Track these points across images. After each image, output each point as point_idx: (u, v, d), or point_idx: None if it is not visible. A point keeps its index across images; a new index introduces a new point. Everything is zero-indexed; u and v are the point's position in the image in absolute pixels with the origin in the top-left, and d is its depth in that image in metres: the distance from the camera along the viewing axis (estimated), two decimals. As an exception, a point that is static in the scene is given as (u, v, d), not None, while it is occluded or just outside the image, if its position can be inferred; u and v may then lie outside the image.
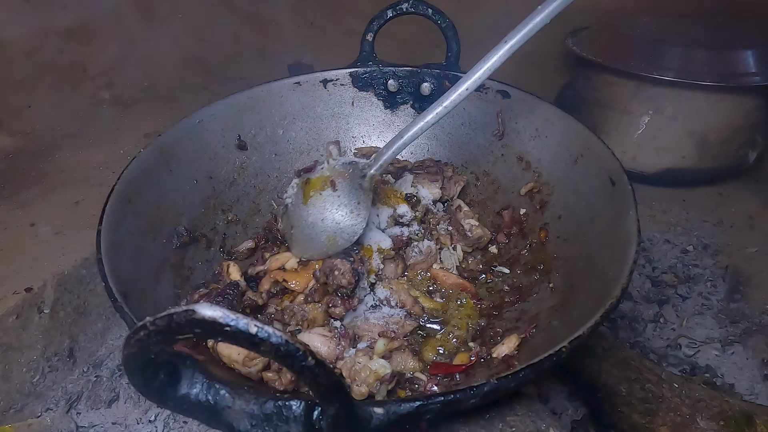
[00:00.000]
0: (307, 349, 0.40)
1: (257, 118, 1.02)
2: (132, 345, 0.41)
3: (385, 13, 1.03)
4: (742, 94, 1.27)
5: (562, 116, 0.90)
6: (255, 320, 0.38)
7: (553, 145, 0.91)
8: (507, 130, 0.99)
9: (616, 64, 1.32)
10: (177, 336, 0.40)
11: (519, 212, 0.95)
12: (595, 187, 0.80)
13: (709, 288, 1.17)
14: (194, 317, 0.38)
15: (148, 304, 0.67)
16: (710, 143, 1.32)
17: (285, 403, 0.47)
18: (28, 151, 1.46)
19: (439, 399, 0.49)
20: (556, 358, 0.52)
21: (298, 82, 1.05)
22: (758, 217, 1.32)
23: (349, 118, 1.10)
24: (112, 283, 0.60)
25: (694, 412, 0.80)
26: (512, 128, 0.99)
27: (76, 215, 1.20)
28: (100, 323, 1.05)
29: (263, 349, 0.39)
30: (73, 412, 0.92)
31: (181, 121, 0.91)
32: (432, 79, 1.05)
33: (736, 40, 1.33)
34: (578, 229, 0.81)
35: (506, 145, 1.00)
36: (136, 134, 1.53)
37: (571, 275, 0.79)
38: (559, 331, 0.69)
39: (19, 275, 1.00)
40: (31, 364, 0.94)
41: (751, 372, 1.00)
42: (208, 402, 0.48)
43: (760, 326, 1.07)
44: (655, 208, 1.37)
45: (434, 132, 1.09)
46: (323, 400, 0.44)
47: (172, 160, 0.87)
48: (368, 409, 0.47)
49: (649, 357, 1.02)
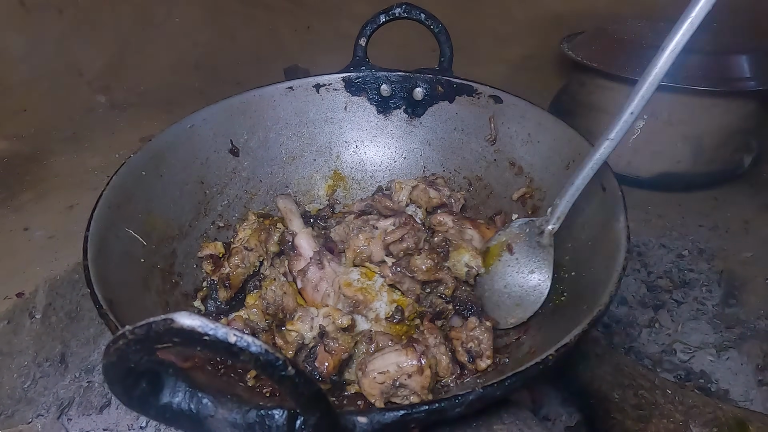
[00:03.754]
0: (286, 359, 0.39)
1: (249, 123, 1.02)
2: (111, 354, 0.41)
3: (377, 18, 1.03)
4: (737, 99, 1.27)
5: (554, 121, 0.90)
6: (234, 329, 0.38)
7: (545, 150, 0.91)
8: (499, 135, 0.99)
9: (611, 69, 1.32)
10: (156, 345, 0.40)
11: (511, 217, 0.95)
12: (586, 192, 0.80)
13: (705, 293, 1.17)
14: (173, 326, 0.38)
15: (136, 311, 0.67)
16: (705, 148, 1.32)
17: (267, 413, 0.46)
18: (23, 154, 1.47)
19: (423, 408, 0.49)
20: (542, 366, 0.52)
21: (291, 87, 1.04)
22: (753, 221, 1.32)
23: (341, 123, 1.10)
24: (97, 289, 0.60)
25: (687, 419, 0.79)
26: (505, 133, 0.98)
27: (70, 219, 1.20)
28: (93, 328, 1.05)
29: (242, 358, 0.39)
30: (64, 418, 0.92)
31: (172, 126, 0.91)
32: (425, 84, 1.05)
33: (731, 44, 1.33)
34: (569, 235, 0.81)
35: (499, 150, 1.00)
36: (131, 138, 1.53)
37: (562, 281, 0.78)
38: (549, 337, 0.68)
39: (11, 280, 1.00)
40: (22, 370, 0.93)
41: (745, 377, 1.00)
42: (190, 411, 0.47)
43: (755, 331, 1.07)
44: (650, 212, 1.37)
45: (427, 137, 1.08)
46: (304, 409, 0.43)
47: (162, 165, 0.87)
48: (351, 418, 0.47)
49: (644, 362, 1.01)
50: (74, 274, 1.04)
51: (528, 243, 0.79)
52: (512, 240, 0.80)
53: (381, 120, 1.10)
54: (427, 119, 1.08)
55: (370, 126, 1.10)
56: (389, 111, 1.09)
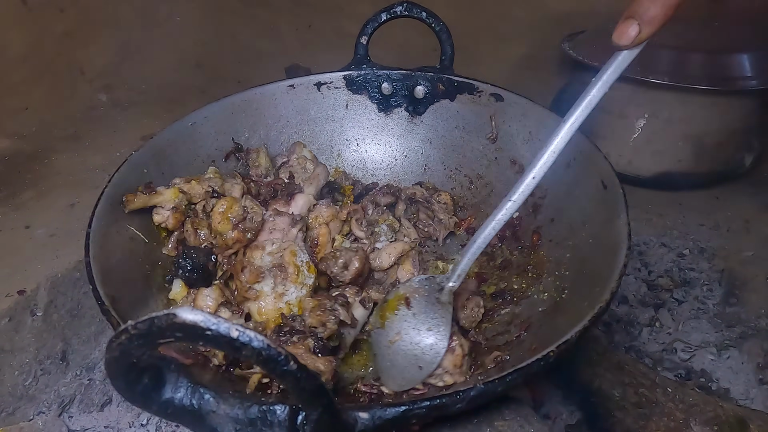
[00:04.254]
0: (289, 354, 0.40)
1: (251, 121, 1.02)
2: (114, 349, 0.41)
3: (379, 16, 1.04)
4: (738, 98, 1.27)
5: (555, 120, 0.90)
6: (236, 324, 0.38)
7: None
8: (500, 133, 0.99)
9: (612, 68, 1.31)
10: (158, 340, 0.40)
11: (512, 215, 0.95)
12: (587, 190, 0.80)
13: (705, 292, 1.17)
14: (175, 321, 0.38)
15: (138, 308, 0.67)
16: (706, 147, 1.31)
17: (269, 408, 0.47)
18: (25, 153, 1.47)
19: (425, 404, 0.49)
20: (543, 362, 0.52)
21: (292, 85, 1.05)
22: (754, 220, 1.32)
23: (343, 121, 1.10)
24: (99, 286, 0.60)
25: (688, 417, 0.80)
26: (505, 131, 0.99)
27: (72, 218, 1.20)
28: (94, 326, 1.05)
29: (245, 353, 0.39)
30: (65, 416, 0.92)
31: (173, 124, 0.91)
32: (426, 82, 1.05)
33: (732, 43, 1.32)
34: (570, 233, 0.81)
35: (500, 149, 1.00)
36: (132, 137, 1.53)
37: (563, 279, 0.79)
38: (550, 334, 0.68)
39: (13, 278, 1.00)
40: (23, 367, 0.94)
41: (746, 376, 1.00)
42: (192, 406, 0.48)
43: (755, 330, 1.07)
44: (651, 211, 1.36)
45: (428, 135, 1.09)
46: (306, 405, 0.43)
47: (164, 163, 0.87)
48: (353, 413, 0.47)
49: (645, 361, 1.01)
50: (75, 271, 1.04)
51: (426, 299, 0.74)
52: (410, 294, 0.75)
53: (382, 118, 1.10)
54: (428, 117, 1.08)
55: (371, 124, 1.11)
56: (390, 109, 1.10)
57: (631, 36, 0.62)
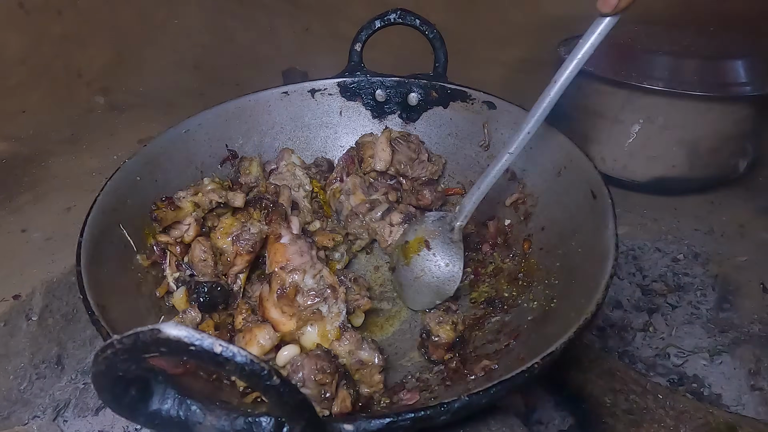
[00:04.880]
0: (272, 369, 0.40)
1: (245, 128, 1.02)
2: (100, 363, 0.41)
3: (372, 23, 1.04)
4: (733, 104, 1.27)
5: (547, 128, 0.90)
6: (220, 339, 0.39)
7: (537, 157, 0.92)
8: (493, 140, 1.00)
9: (607, 74, 1.32)
10: (143, 354, 0.40)
11: (504, 223, 0.96)
12: (577, 199, 0.80)
13: (699, 297, 1.17)
14: (159, 336, 0.38)
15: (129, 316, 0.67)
16: (701, 152, 1.32)
17: (255, 420, 0.47)
18: (22, 156, 1.47)
19: (409, 415, 0.49)
20: (528, 374, 0.53)
21: (286, 92, 1.05)
22: (749, 225, 1.32)
23: (337, 127, 1.10)
24: (90, 295, 0.61)
25: (678, 424, 0.80)
26: (498, 139, 0.99)
27: (68, 221, 1.20)
28: (89, 330, 1.05)
29: (228, 368, 0.39)
30: (60, 420, 0.92)
31: (167, 131, 0.91)
32: (419, 90, 1.06)
33: (726, 49, 1.32)
34: (561, 241, 0.81)
35: (492, 156, 1.00)
36: (130, 140, 1.54)
37: (553, 287, 0.79)
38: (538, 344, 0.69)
39: (8, 282, 1.01)
40: (18, 372, 0.94)
41: (738, 382, 1.00)
42: (179, 418, 0.48)
43: (748, 336, 1.07)
44: (645, 216, 1.37)
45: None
46: (290, 418, 0.44)
47: (157, 170, 0.88)
48: (337, 426, 0.47)
49: (638, 366, 1.02)
50: (71, 276, 1.04)
51: (442, 239, 0.90)
52: (428, 236, 0.91)
53: (376, 125, 1.11)
54: (422, 124, 1.08)
55: (365, 131, 1.11)
56: (384, 116, 1.10)
57: (612, 3, 0.70)
